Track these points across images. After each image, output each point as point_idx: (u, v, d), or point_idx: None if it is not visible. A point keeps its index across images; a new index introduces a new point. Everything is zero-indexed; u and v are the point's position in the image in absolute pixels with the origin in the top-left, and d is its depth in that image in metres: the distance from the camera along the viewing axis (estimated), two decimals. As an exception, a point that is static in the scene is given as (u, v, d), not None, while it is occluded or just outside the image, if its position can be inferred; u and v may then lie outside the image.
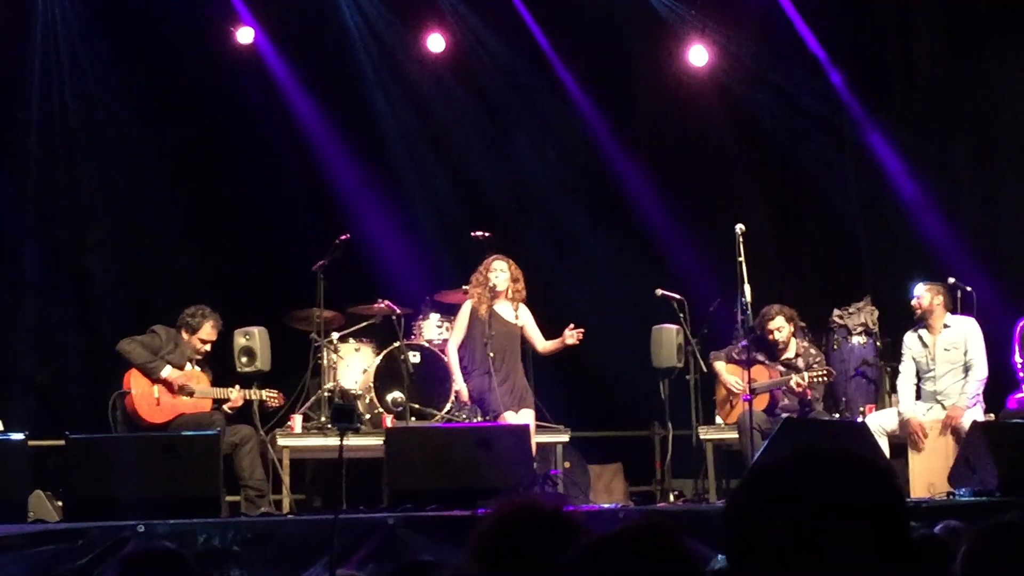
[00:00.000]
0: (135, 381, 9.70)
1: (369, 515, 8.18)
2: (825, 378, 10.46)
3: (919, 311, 10.56)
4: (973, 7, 13.22)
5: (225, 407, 9.88)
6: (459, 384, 10.20)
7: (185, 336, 9.96)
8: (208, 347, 10.05)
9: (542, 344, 10.42)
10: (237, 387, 10.03)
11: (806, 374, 10.34)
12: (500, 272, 10.23)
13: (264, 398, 10.11)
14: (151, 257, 12.54)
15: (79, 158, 12.46)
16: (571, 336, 10.14)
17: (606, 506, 10.07)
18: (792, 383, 10.34)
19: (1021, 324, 10.53)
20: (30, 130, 12.35)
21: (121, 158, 12.57)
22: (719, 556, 5.24)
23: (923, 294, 10.55)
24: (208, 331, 9.99)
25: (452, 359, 10.32)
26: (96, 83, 12.47)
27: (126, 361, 9.74)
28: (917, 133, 13.25)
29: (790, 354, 10.65)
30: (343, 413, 6.09)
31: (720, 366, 10.87)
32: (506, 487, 8.45)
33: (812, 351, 10.77)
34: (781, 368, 10.61)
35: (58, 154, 12.35)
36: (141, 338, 9.84)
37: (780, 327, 10.61)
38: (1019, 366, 10.43)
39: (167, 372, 9.72)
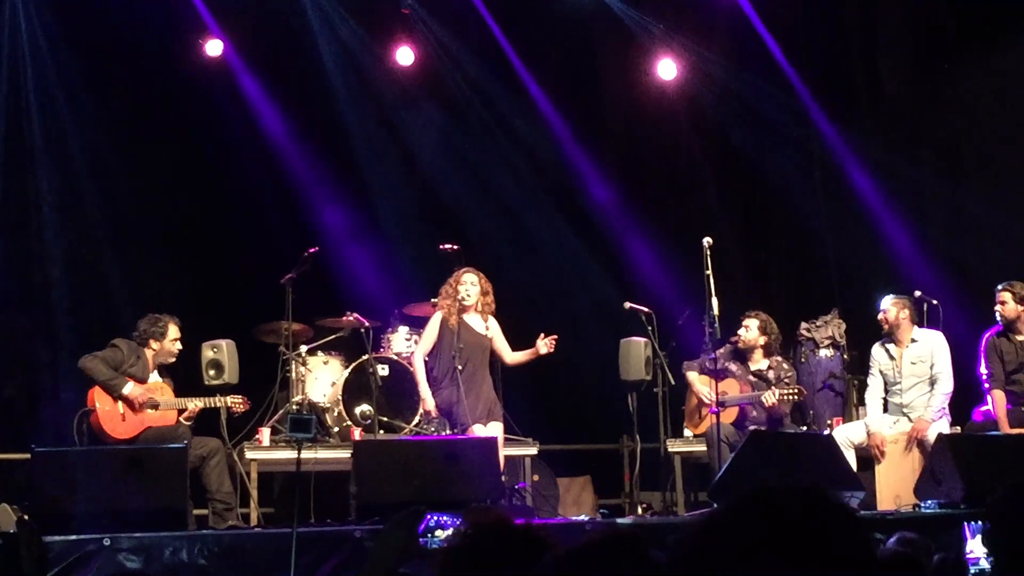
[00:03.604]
0: (99, 398, 9.63)
1: (337, 528, 8.17)
2: (796, 396, 10.49)
3: (886, 326, 10.62)
4: (938, 23, 13.31)
5: (182, 417, 9.83)
6: (425, 394, 10.16)
7: (155, 345, 9.90)
8: (178, 345, 10.01)
9: (510, 356, 10.42)
10: (197, 398, 9.99)
11: (776, 391, 10.38)
12: (470, 285, 10.23)
13: (229, 404, 10.06)
14: (118, 269, 12.47)
15: (46, 169, 12.40)
16: (544, 345, 10.14)
17: (574, 519, 10.08)
18: (763, 398, 10.37)
19: (986, 337, 10.58)
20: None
21: (89, 170, 12.51)
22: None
23: (889, 308, 10.60)
24: (174, 331, 9.96)
25: (419, 369, 10.28)
26: (64, 94, 12.41)
27: (88, 378, 9.69)
28: (884, 147, 13.32)
29: (761, 365, 10.69)
30: (300, 424, 6.07)
31: (693, 376, 10.91)
32: (473, 499, 8.46)
33: (784, 366, 10.81)
34: (752, 379, 10.65)
35: (25, 165, 12.29)
36: (102, 353, 9.76)
37: (748, 327, 10.69)
38: (984, 377, 10.49)
39: (128, 389, 9.64)
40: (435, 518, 7.87)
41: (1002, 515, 2.93)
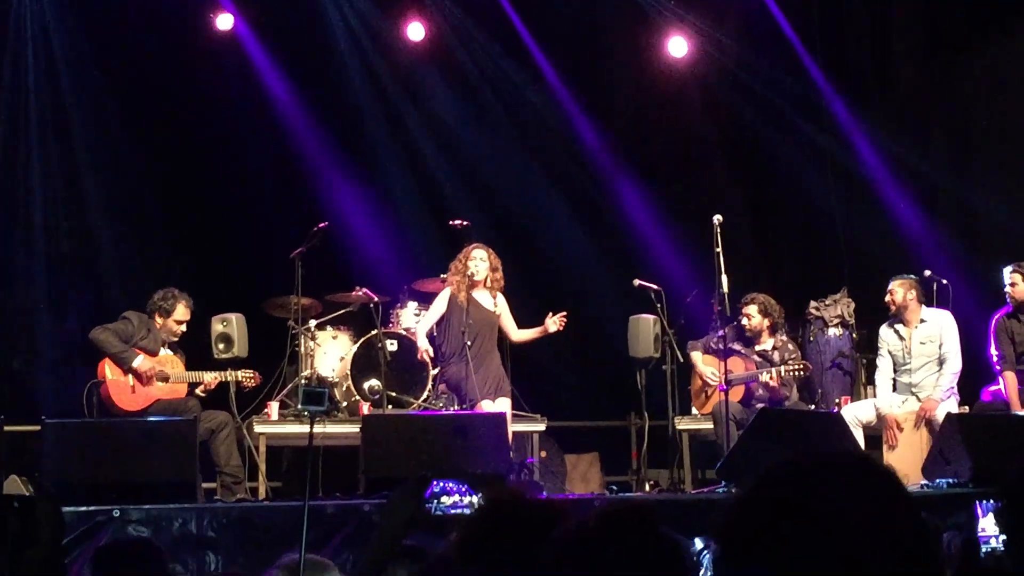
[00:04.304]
0: (110, 370, 9.67)
1: (345, 502, 8.19)
2: (801, 372, 10.49)
3: (893, 307, 10.60)
4: (950, 8, 13.28)
5: (198, 391, 9.86)
6: (423, 344, 10.22)
7: (159, 320, 9.92)
8: (183, 327, 10.02)
9: (516, 334, 10.42)
10: (211, 372, 10.02)
11: (781, 368, 10.39)
12: (480, 261, 10.24)
13: (240, 379, 10.08)
14: (128, 243, 12.49)
15: (53, 142, 12.41)
16: (553, 323, 10.14)
17: (583, 495, 10.10)
18: (763, 378, 10.39)
19: (996, 317, 10.58)
20: (2, 113, 12.29)
21: (98, 144, 12.52)
22: (695, 540, 5.27)
23: (896, 289, 10.57)
24: (182, 312, 9.96)
25: (420, 334, 10.33)
26: (73, 68, 12.42)
27: (99, 350, 9.71)
28: (895, 128, 13.32)
29: (766, 346, 10.69)
30: (313, 396, 6.06)
31: (697, 356, 10.90)
32: (483, 473, 8.48)
33: (790, 346, 10.80)
34: (757, 359, 10.65)
35: (32, 138, 12.29)
36: (113, 326, 9.79)
37: (751, 314, 10.69)
38: (995, 359, 10.48)
39: (138, 362, 9.66)
40: (441, 485, 7.90)
41: (1019, 493, 2.92)
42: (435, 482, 7.77)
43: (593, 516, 2.33)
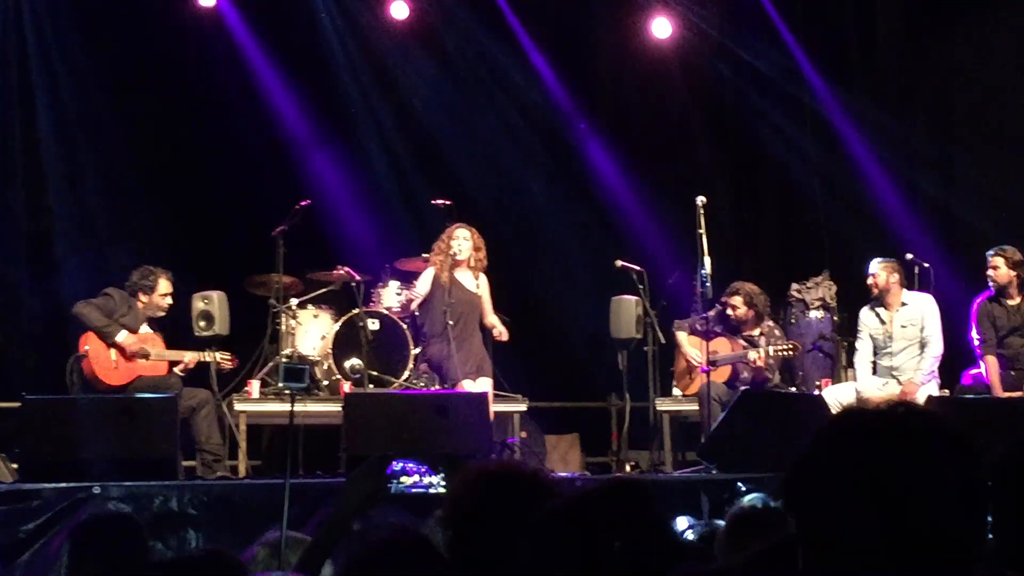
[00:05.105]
0: (92, 343, 9.65)
1: (327, 480, 8.18)
2: (790, 352, 10.51)
3: (875, 290, 10.60)
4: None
5: (177, 369, 9.86)
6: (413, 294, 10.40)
7: (144, 298, 9.91)
8: (169, 300, 10.03)
9: (489, 317, 10.43)
10: (191, 351, 10.02)
11: (770, 348, 10.39)
12: (463, 240, 10.24)
13: (218, 360, 10.09)
14: (109, 220, 12.43)
15: (37, 120, 12.34)
16: (499, 335, 10.32)
17: (565, 474, 10.11)
18: (751, 356, 10.39)
19: (978, 301, 10.60)
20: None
21: (80, 120, 12.44)
22: (676, 520, 5.28)
23: (879, 272, 10.58)
24: (165, 286, 9.98)
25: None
26: (56, 44, 12.34)
27: (81, 324, 9.70)
28: (877, 109, 13.31)
29: (753, 333, 10.71)
30: (293, 373, 6.05)
31: (682, 336, 10.91)
32: (462, 454, 8.48)
33: (776, 332, 10.82)
34: (743, 343, 10.66)
35: (15, 115, 12.22)
36: (96, 301, 9.81)
37: (736, 305, 10.68)
38: (976, 342, 10.51)
39: (122, 337, 9.67)
40: (401, 464, 7.94)
41: (1001, 476, 2.93)
42: (396, 461, 7.81)
43: (589, 488, 2.34)
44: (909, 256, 11.01)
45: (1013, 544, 2.75)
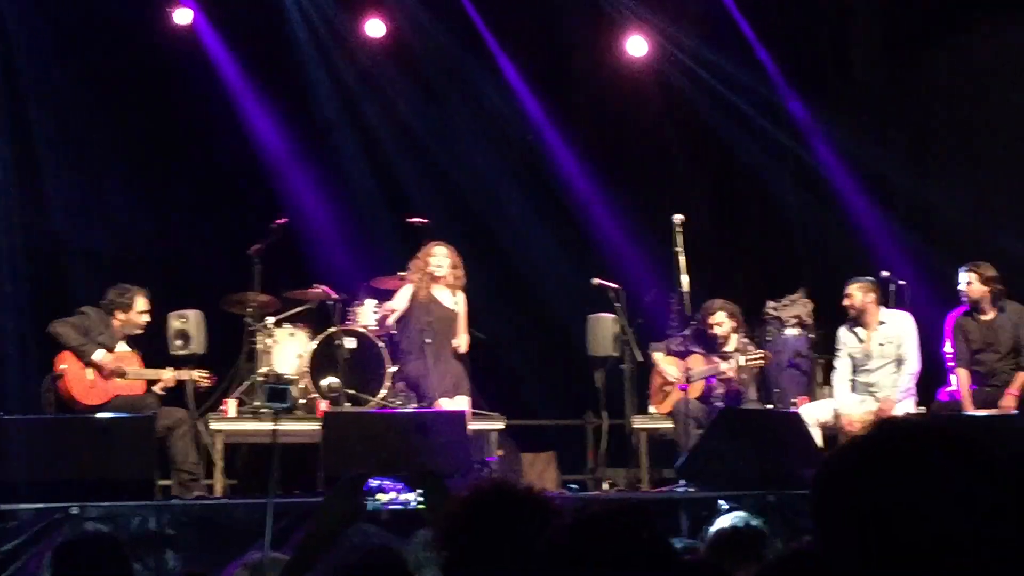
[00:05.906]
0: (68, 362, 9.59)
1: (305, 499, 8.15)
2: (761, 361, 10.51)
3: (852, 311, 10.61)
4: (909, 8, 13.35)
5: (156, 388, 9.80)
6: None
7: (121, 316, 9.85)
8: (146, 317, 9.95)
9: (461, 335, 10.38)
10: (170, 368, 9.96)
11: (742, 359, 10.38)
12: (442, 258, 10.24)
13: (196, 378, 10.04)
14: (84, 238, 12.38)
15: (9, 136, 12.28)
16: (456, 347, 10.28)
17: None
18: (723, 367, 10.38)
19: (952, 316, 10.65)
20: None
21: (55, 138, 12.40)
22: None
23: (854, 292, 10.58)
24: (142, 303, 9.91)
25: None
26: (32, 61, 12.29)
27: (58, 343, 9.64)
28: (853, 128, 13.38)
29: (729, 348, 10.71)
30: (277, 393, 6.04)
31: (659, 357, 10.92)
32: (441, 472, 8.45)
33: (750, 347, 10.83)
34: (718, 360, 10.67)
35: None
36: (72, 319, 9.74)
37: (721, 322, 10.65)
38: (948, 356, 10.54)
39: (99, 356, 9.61)
40: (379, 482, 7.92)
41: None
42: (372, 479, 7.81)
43: (593, 511, 2.33)
44: (885, 273, 11.03)
45: None
